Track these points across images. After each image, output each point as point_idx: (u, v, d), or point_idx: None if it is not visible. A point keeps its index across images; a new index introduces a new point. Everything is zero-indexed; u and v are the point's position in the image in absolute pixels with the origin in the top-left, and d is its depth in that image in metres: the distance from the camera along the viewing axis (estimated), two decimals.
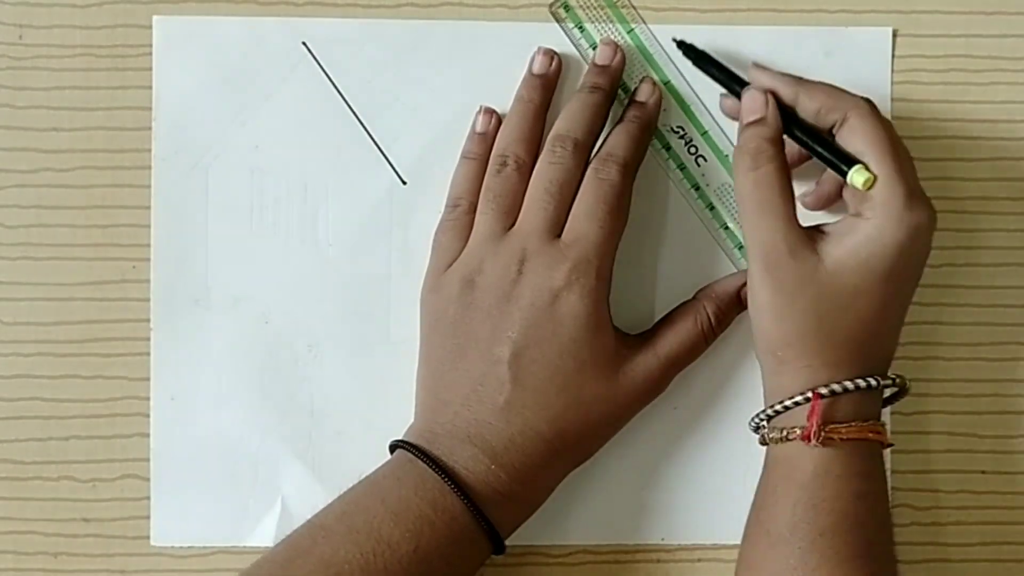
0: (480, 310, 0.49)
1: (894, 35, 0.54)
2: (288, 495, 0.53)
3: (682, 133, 0.54)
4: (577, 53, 0.54)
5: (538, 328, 0.49)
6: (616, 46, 0.53)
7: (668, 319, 0.52)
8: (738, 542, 0.53)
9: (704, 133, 0.54)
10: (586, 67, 0.53)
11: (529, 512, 0.50)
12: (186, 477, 0.53)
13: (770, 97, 0.49)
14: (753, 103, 0.49)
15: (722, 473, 0.54)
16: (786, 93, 0.49)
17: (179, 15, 0.54)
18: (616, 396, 0.50)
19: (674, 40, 0.52)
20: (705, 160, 0.54)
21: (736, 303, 0.52)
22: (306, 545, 0.47)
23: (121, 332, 0.54)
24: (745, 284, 0.50)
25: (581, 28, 0.54)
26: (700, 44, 0.53)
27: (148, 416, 0.53)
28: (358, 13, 0.54)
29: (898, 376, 0.49)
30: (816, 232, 0.48)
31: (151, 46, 0.54)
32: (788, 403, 0.47)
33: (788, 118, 0.49)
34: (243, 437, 0.53)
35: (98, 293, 0.54)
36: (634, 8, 0.54)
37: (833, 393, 0.46)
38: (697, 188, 0.54)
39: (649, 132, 0.53)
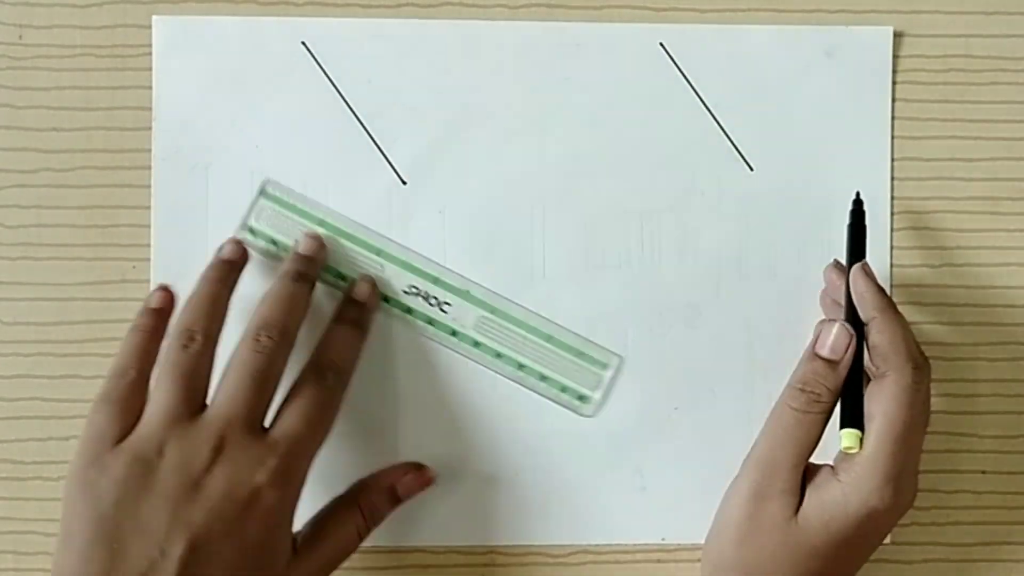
0: (157, 495, 0.44)
1: (894, 35, 0.54)
2: None
3: (416, 291, 0.53)
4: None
5: (225, 523, 0.44)
6: (319, 238, 0.52)
7: (327, 519, 0.50)
8: None
9: (435, 280, 0.53)
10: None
11: None
12: None
13: (854, 342, 0.48)
14: (838, 341, 0.48)
15: (722, 473, 0.54)
16: (864, 313, 0.48)
17: (179, 15, 0.54)
18: None
19: (855, 201, 0.51)
20: (450, 304, 0.53)
21: (392, 499, 0.51)
22: None
23: (121, 332, 0.53)
24: (401, 477, 0.51)
25: (274, 243, 0.53)
26: (699, 44, 0.54)
27: None
28: (358, 13, 0.54)
29: None
30: (805, 478, 0.47)
31: (151, 46, 0.54)
32: None
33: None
34: None
35: (98, 293, 0.54)
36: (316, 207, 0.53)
37: None
38: (454, 333, 0.53)
39: (365, 334, 0.52)
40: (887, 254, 0.54)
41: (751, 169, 0.54)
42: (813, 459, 0.47)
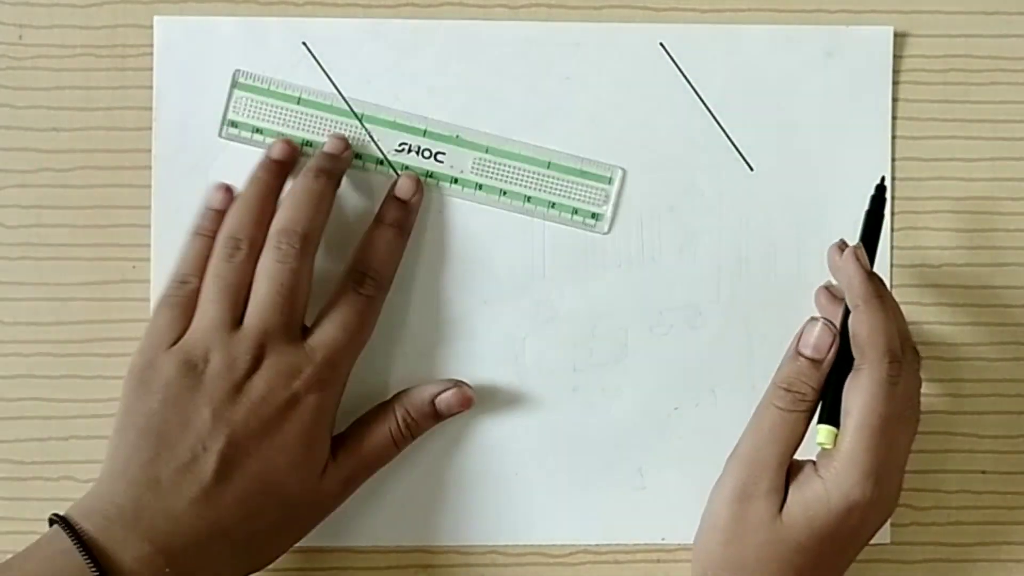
0: (202, 396, 0.47)
1: (894, 35, 0.54)
2: None
3: (407, 147, 0.53)
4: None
5: (263, 424, 0.47)
6: (344, 139, 0.52)
7: (364, 424, 0.51)
8: None
9: (424, 132, 0.53)
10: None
11: None
12: None
13: (837, 340, 0.48)
14: (821, 340, 0.48)
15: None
16: (849, 300, 0.48)
17: (179, 15, 0.54)
18: (315, 501, 0.49)
19: (879, 186, 0.50)
20: (444, 153, 0.53)
21: (430, 413, 0.52)
22: None
23: (121, 332, 0.54)
24: (440, 392, 0.51)
25: (259, 131, 0.53)
26: (699, 44, 0.54)
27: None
28: (358, 13, 0.54)
29: None
30: (789, 475, 0.47)
31: (151, 46, 0.54)
32: None
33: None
34: None
35: (98, 293, 0.54)
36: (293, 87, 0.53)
37: None
38: (455, 181, 0.53)
39: (407, 237, 0.52)
40: (887, 254, 0.54)
41: (751, 169, 0.54)
42: (799, 455, 0.48)
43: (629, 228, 0.54)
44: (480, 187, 0.53)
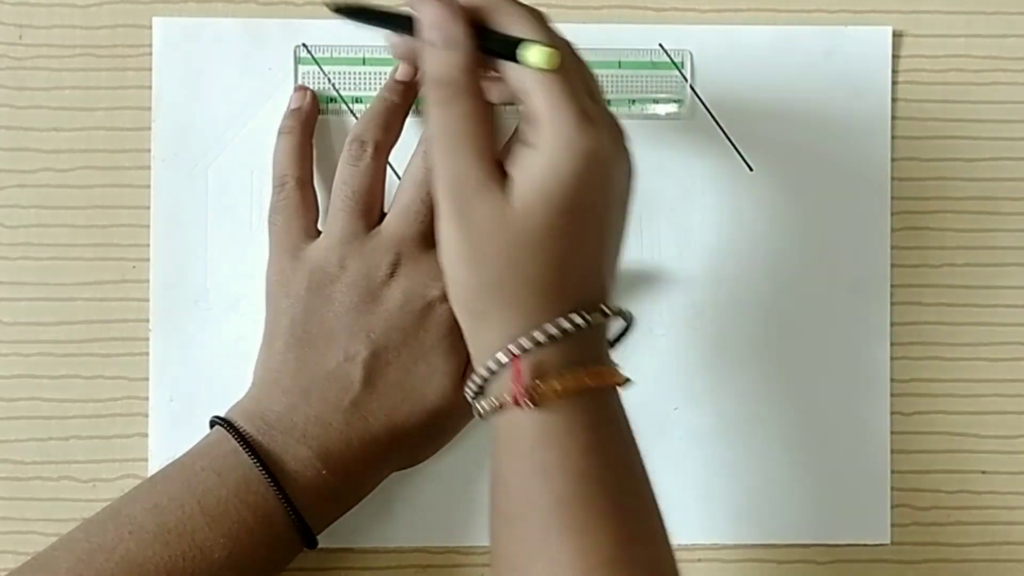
0: (340, 304, 0.48)
1: (894, 35, 0.54)
2: None
3: None
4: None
5: (402, 332, 0.48)
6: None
7: None
8: (738, 542, 0.54)
9: None
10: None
11: (345, 511, 0.49)
12: None
13: (459, 12, 0.43)
14: (440, 20, 0.43)
15: (722, 473, 0.54)
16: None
17: (179, 15, 0.54)
18: (457, 406, 0.49)
19: (332, 7, 0.47)
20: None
21: None
22: (111, 540, 0.44)
23: (121, 332, 0.54)
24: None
25: (332, 100, 0.53)
26: (699, 44, 0.54)
27: (148, 416, 0.53)
28: None
29: (611, 308, 0.43)
30: (507, 168, 0.43)
31: (151, 46, 0.54)
32: (491, 365, 0.42)
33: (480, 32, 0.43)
34: None
35: (98, 293, 0.54)
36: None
37: (537, 344, 0.42)
38: None
39: None
40: (887, 254, 0.54)
41: (751, 169, 0.54)
42: None
43: (629, 228, 0.54)
44: None
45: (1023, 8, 0.55)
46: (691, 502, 0.54)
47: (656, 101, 0.54)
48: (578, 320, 0.42)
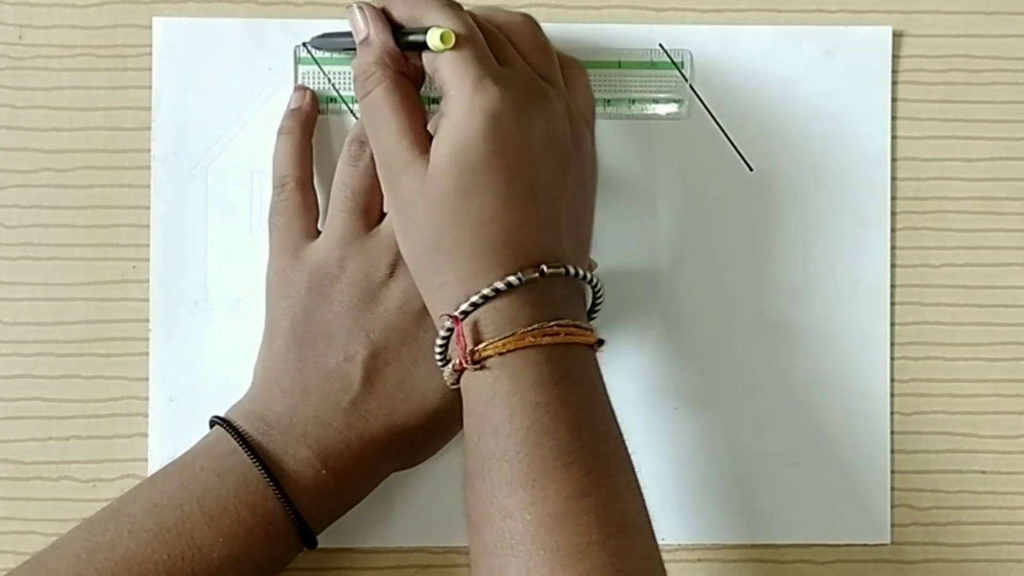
0: (339, 304, 0.48)
1: (894, 35, 0.54)
2: None
3: None
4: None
5: (401, 332, 0.48)
6: None
7: None
8: (738, 542, 0.54)
9: None
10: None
11: (345, 511, 0.49)
12: None
13: (370, 13, 0.47)
14: (355, 23, 0.47)
15: (722, 473, 0.54)
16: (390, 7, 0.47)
17: (179, 15, 0.54)
18: (456, 406, 0.48)
19: (317, 38, 0.52)
20: None
21: None
22: (110, 539, 0.45)
23: (121, 332, 0.54)
24: None
25: (332, 100, 0.53)
26: (699, 44, 0.54)
27: (148, 416, 0.53)
28: None
29: (552, 267, 0.44)
30: (429, 141, 0.45)
31: (151, 46, 0.54)
32: (442, 332, 0.44)
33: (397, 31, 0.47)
34: None
35: (98, 293, 0.54)
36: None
37: (475, 305, 0.43)
38: None
39: None
40: (887, 254, 0.54)
41: (751, 169, 0.54)
42: None
43: (629, 228, 0.54)
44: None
45: (1023, 8, 0.55)
46: (691, 502, 0.54)
47: (656, 101, 0.54)
48: (511, 280, 0.43)
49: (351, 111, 0.54)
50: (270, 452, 0.47)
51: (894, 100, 0.54)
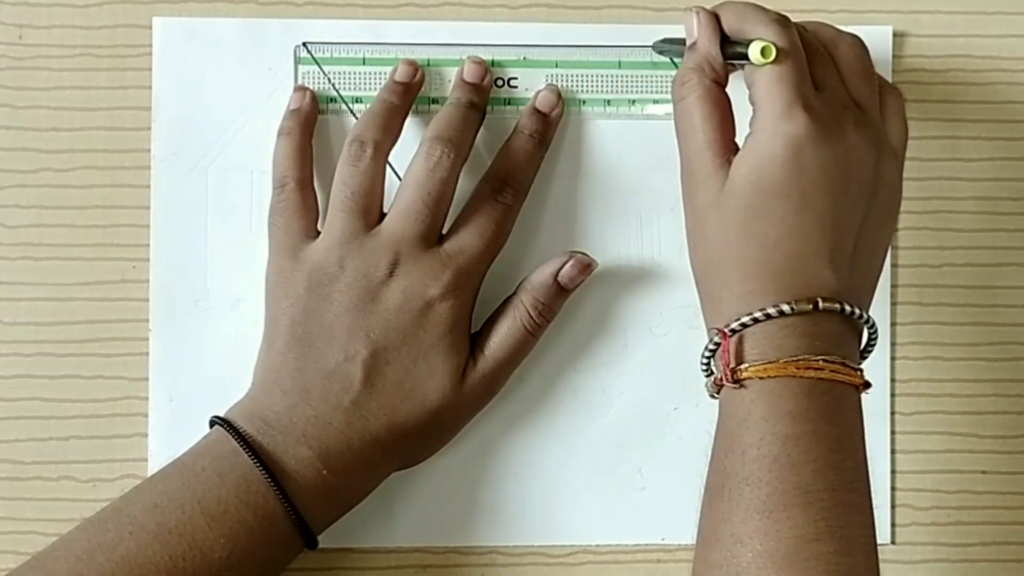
0: (339, 304, 0.48)
1: (894, 35, 0.54)
2: None
3: (502, 80, 0.53)
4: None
5: (401, 331, 0.48)
6: (483, 63, 0.52)
7: (495, 321, 0.51)
8: None
9: (492, 63, 0.53)
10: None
11: (345, 511, 0.50)
12: None
13: (703, 19, 0.47)
14: (688, 27, 0.47)
15: None
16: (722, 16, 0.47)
17: (179, 15, 0.54)
18: (457, 404, 0.50)
19: (659, 43, 0.52)
20: (516, 77, 0.53)
21: (556, 291, 0.51)
22: (111, 539, 0.45)
23: (121, 332, 0.54)
24: (560, 267, 0.51)
25: (332, 100, 0.53)
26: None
27: (148, 416, 0.53)
28: (358, 13, 0.54)
29: (826, 301, 0.43)
30: (734, 155, 0.45)
31: (151, 46, 0.54)
32: (710, 345, 0.45)
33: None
34: None
35: (98, 293, 0.54)
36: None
37: (744, 325, 0.43)
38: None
39: (544, 150, 0.52)
40: (887, 254, 0.54)
41: None
42: None
43: (629, 228, 0.54)
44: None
45: (1023, 8, 0.55)
46: (691, 502, 0.54)
47: (656, 101, 0.54)
48: (784, 307, 0.43)
49: (351, 111, 0.54)
50: (271, 452, 0.47)
51: None
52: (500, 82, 0.53)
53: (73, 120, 0.54)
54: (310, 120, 0.53)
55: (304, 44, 0.54)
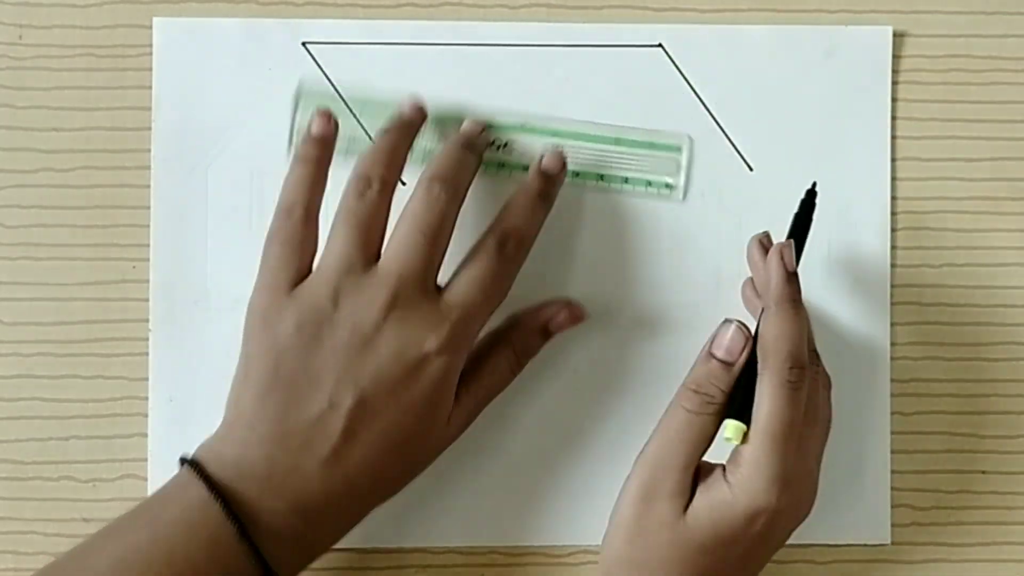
0: (329, 347, 0.46)
1: (894, 35, 0.54)
2: None
3: (500, 143, 0.53)
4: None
5: (393, 382, 0.46)
6: (479, 126, 0.52)
7: (480, 357, 0.50)
8: None
9: (490, 125, 0.53)
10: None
11: (317, 558, 0.47)
12: None
13: (750, 344, 0.47)
14: (734, 343, 0.47)
15: None
16: (763, 300, 0.48)
17: (179, 15, 0.54)
18: (440, 445, 0.49)
19: (810, 191, 0.50)
20: (514, 141, 0.53)
21: (544, 337, 0.52)
22: None
23: (121, 332, 0.54)
24: (553, 314, 0.52)
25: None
26: (699, 44, 0.54)
27: (148, 416, 0.53)
28: (358, 13, 0.54)
29: None
30: (700, 482, 0.46)
31: (151, 46, 0.54)
32: None
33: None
34: None
35: (98, 293, 0.54)
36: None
37: None
38: (526, 168, 0.53)
39: (550, 206, 0.52)
40: (887, 254, 0.54)
41: (751, 169, 0.54)
42: (713, 457, 0.47)
43: (629, 228, 0.54)
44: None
45: (1023, 8, 0.55)
46: None
47: (649, 184, 0.54)
48: None
49: (351, 111, 0.54)
50: (243, 504, 0.45)
51: (894, 100, 0.54)
52: (496, 146, 0.53)
53: (73, 120, 0.54)
54: (330, 149, 0.50)
55: (304, 44, 0.54)
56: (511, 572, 0.54)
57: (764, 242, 0.49)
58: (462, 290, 0.48)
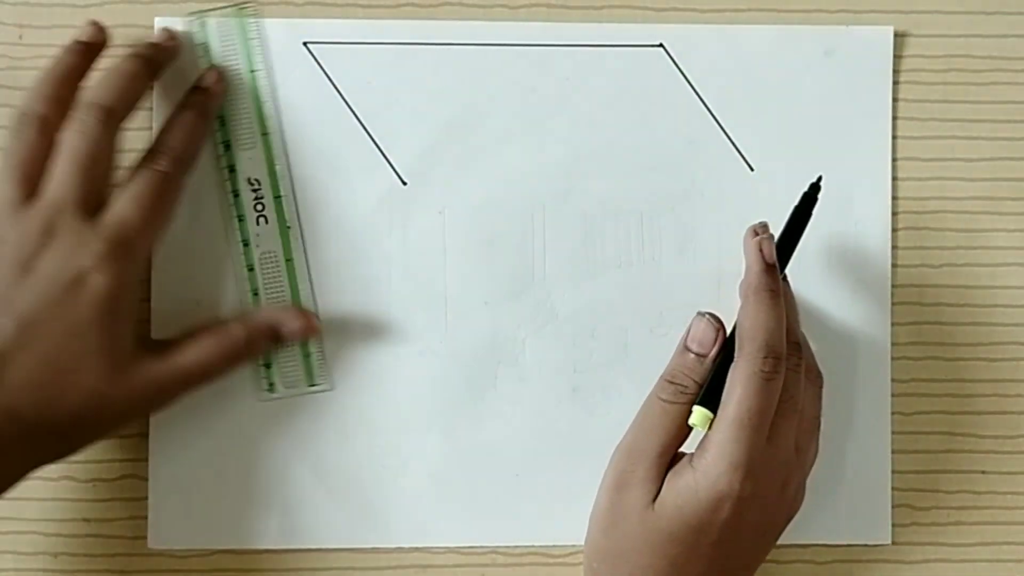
0: None
1: (895, 35, 0.54)
2: (290, 496, 0.53)
3: (256, 187, 0.53)
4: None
5: (53, 305, 0.46)
6: (175, 37, 0.53)
7: (192, 334, 0.50)
8: None
9: (277, 197, 0.53)
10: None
11: None
12: (186, 478, 0.53)
13: (721, 336, 0.48)
14: (705, 336, 0.48)
15: None
16: (742, 289, 0.48)
17: (179, 15, 0.54)
18: (114, 396, 0.47)
19: (814, 184, 0.50)
20: (266, 222, 0.53)
21: (272, 337, 0.51)
22: None
23: None
24: (289, 322, 0.51)
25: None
26: (699, 44, 0.54)
27: (148, 416, 0.53)
28: (358, 13, 0.54)
29: None
30: (670, 471, 0.47)
31: None
32: None
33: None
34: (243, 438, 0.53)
35: None
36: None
37: None
38: (246, 244, 0.53)
39: (208, 122, 0.52)
40: (887, 254, 0.54)
41: (751, 169, 0.54)
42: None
43: (629, 228, 0.54)
44: None
45: (1023, 8, 0.55)
46: None
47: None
48: None
49: (351, 111, 0.54)
50: None
51: (894, 100, 0.54)
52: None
53: None
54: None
55: (305, 44, 0.54)
56: (511, 572, 0.54)
57: (759, 231, 0.49)
58: (116, 207, 0.48)
